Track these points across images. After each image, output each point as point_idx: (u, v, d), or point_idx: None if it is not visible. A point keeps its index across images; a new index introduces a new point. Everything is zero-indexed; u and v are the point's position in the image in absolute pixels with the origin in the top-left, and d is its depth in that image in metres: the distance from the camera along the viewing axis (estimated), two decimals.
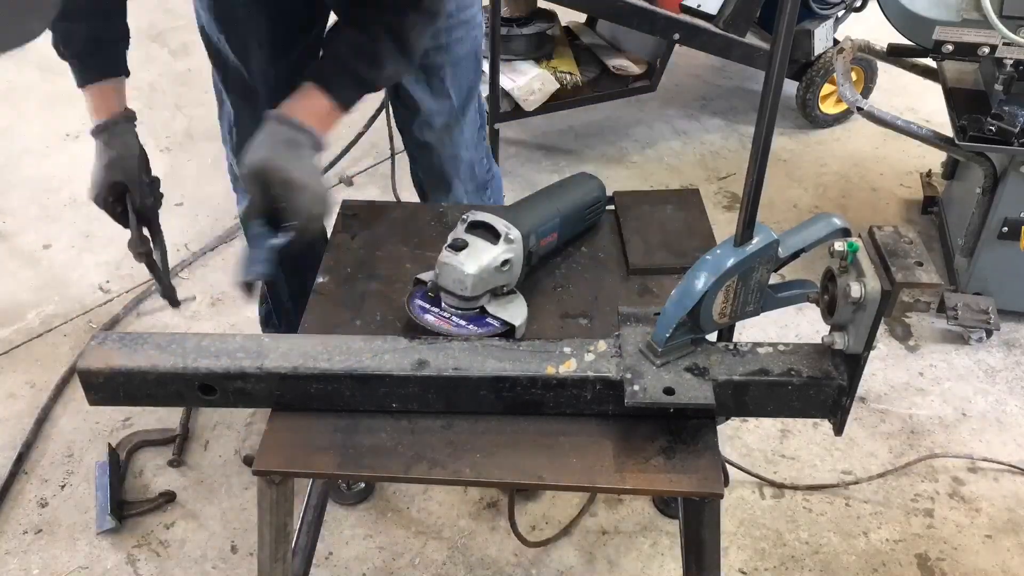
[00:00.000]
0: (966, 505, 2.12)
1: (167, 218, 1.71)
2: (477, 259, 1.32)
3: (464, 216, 1.39)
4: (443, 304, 1.35)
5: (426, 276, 1.38)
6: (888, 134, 3.29)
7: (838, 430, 1.24)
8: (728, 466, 2.11)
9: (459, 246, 1.33)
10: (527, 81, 3.09)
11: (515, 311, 1.36)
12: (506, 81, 3.04)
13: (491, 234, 1.35)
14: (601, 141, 3.51)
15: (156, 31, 4.11)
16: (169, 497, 2.10)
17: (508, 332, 1.33)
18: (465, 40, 1.78)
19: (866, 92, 3.48)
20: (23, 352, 2.53)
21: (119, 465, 2.15)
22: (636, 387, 1.17)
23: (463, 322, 1.33)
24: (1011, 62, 2.22)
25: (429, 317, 1.34)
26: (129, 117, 1.62)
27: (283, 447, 1.21)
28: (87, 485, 2.14)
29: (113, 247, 2.92)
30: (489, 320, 1.34)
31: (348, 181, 3.23)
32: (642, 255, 1.52)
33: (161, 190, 1.70)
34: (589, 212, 1.57)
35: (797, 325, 2.58)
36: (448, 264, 1.32)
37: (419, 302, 1.36)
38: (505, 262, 1.34)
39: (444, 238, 1.57)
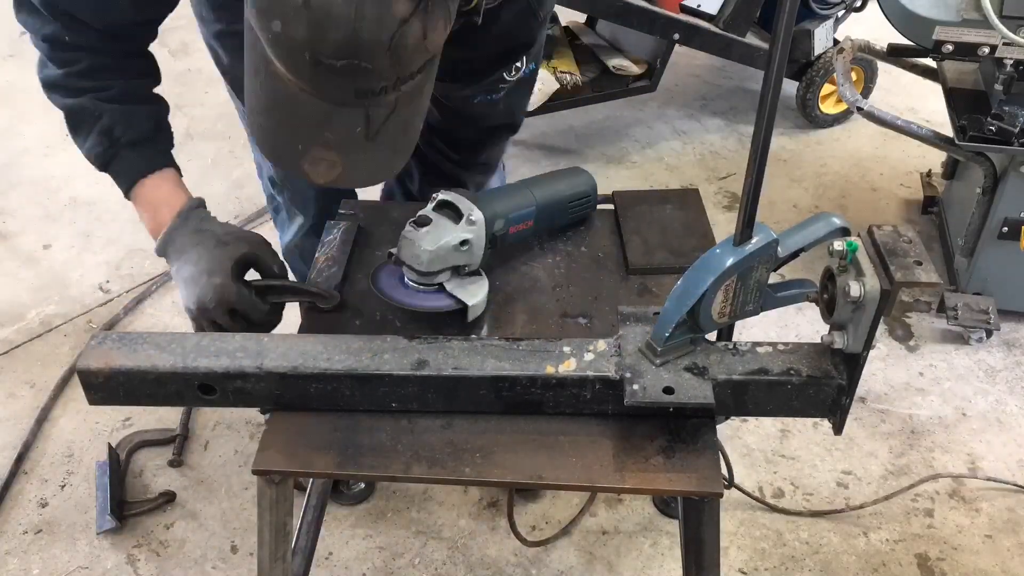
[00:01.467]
0: (966, 505, 2.12)
1: None
2: (436, 237, 1.34)
3: (434, 194, 1.40)
4: (405, 277, 1.38)
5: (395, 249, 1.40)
6: (888, 134, 3.29)
7: (838, 430, 1.24)
8: (726, 466, 2.11)
9: (422, 222, 1.35)
10: None
11: (473, 291, 1.38)
12: None
13: (455, 214, 1.37)
14: (601, 141, 3.51)
15: None
16: (169, 497, 2.11)
17: (462, 311, 1.36)
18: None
19: (866, 92, 3.47)
20: (23, 352, 2.53)
21: (119, 465, 2.15)
22: (636, 386, 1.17)
23: (418, 295, 1.36)
24: (1011, 62, 2.22)
25: (385, 287, 1.38)
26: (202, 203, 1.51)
27: (283, 447, 1.21)
28: (87, 485, 2.14)
29: (113, 247, 2.92)
30: (443, 295, 1.36)
31: None
32: (642, 255, 1.52)
33: None
34: (574, 205, 1.57)
35: (797, 325, 2.58)
36: (408, 239, 1.34)
37: (385, 272, 1.40)
38: (464, 242, 1.35)
39: None
